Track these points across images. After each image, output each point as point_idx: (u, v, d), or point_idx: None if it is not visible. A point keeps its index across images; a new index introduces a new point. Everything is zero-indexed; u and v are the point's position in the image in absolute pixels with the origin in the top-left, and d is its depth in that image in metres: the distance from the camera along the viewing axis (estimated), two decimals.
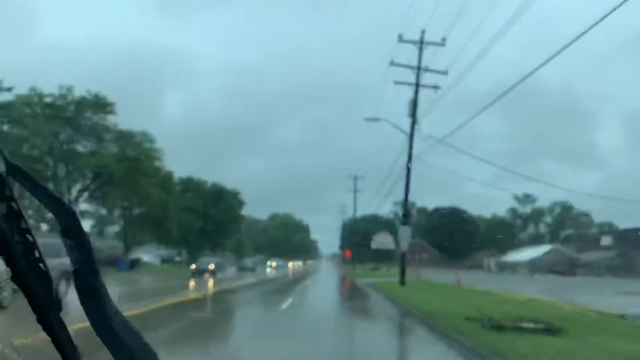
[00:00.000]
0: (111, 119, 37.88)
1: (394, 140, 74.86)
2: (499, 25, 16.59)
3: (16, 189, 0.71)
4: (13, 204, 0.69)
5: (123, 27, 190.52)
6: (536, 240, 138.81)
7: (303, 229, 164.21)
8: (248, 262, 54.19)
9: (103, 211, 52.74)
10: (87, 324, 0.86)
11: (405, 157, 26.55)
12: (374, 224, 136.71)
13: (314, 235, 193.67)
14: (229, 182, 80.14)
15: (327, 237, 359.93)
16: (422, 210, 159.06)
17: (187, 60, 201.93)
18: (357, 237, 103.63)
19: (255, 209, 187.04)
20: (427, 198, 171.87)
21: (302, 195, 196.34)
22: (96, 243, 68.36)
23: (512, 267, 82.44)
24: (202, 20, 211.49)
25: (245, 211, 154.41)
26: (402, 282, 25.52)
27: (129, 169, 35.90)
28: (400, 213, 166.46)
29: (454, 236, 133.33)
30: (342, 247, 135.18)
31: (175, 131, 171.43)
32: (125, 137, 37.61)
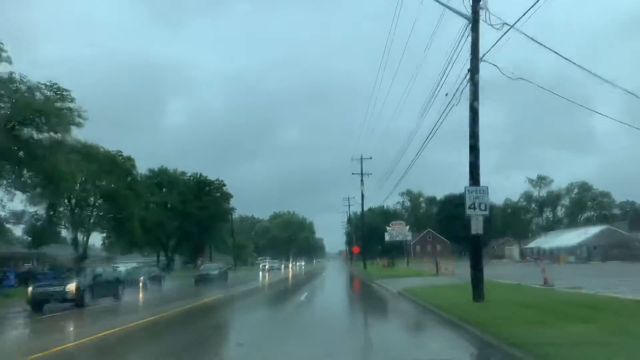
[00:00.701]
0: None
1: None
2: None
3: None
4: None
5: (120, 39, 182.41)
6: (555, 224, 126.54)
7: (307, 228, 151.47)
8: (210, 268, 37.63)
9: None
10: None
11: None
12: (382, 216, 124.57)
13: (319, 234, 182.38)
14: (232, 185, 67.86)
15: (332, 235, 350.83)
16: (432, 200, 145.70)
17: (185, 68, 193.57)
18: (365, 231, 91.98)
19: (259, 211, 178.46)
20: (429, 188, 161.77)
21: (306, 195, 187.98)
22: (46, 250, 55.14)
23: (549, 255, 69.96)
24: (198, 29, 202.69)
25: (248, 212, 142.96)
26: (479, 294, 13.01)
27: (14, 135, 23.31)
28: (408, 203, 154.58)
29: (468, 225, 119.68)
30: (349, 242, 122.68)
31: (178, 137, 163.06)
32: (18, 91, 24.81)
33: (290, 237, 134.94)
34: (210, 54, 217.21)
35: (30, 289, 18.83)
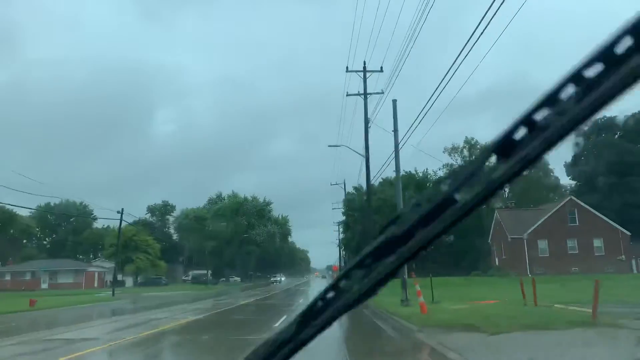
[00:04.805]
0: None
1: None
2: None
3: None
4: None
5: (111, 41, 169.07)
6: None
7: (276, 221, 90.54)
8: None
9: None
10: None
11: None
12: (417, 188, 64.43)
13: (303, 247, 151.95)
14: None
15: (321, 250, 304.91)
16: None
17: (175, 75, 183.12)
18: (373, 220, 22.80)
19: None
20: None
21: (293, 209, 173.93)
22: None
23: None
24: (190, 32, 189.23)
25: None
26: None
27: None
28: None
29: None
30: (345, 243, 63.03)
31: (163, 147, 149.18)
32: None
33: (242, 232, 74.30)
34: (197, 63, 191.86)
35: None
